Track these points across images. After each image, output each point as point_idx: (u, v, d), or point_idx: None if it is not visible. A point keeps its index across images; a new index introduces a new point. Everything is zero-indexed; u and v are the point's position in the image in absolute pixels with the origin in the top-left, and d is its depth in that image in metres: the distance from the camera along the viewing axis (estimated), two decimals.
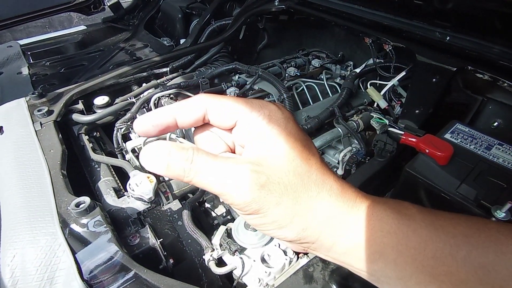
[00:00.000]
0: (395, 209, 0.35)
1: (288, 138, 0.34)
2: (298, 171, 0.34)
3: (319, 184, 0.34)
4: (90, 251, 0.71)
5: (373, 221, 0.34)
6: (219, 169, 0.33)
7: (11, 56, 1.81)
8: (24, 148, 0.95)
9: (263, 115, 0.35)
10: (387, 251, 0.34)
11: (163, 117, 0.36)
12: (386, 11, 1.17)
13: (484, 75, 0.93)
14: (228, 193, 0.33)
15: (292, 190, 0.33)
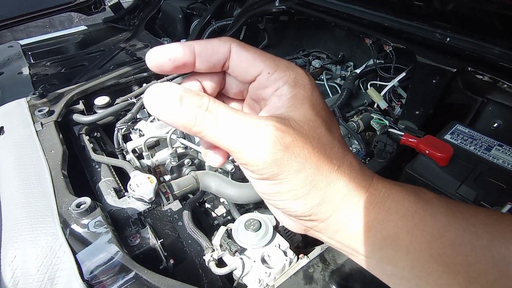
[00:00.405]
0: (413, 192, 0.33)
1: (314, 105, 0.32)
2: (322, 141, 0.31)
3: (341, 158, 0.32)
4: (91, 252, 0.72)
5: (389, 202, 0.32)
6: (238, 121, 0.28)
7: (12, 56, 1.81)
8: (25, 149, 0.96)
9: (288, 76, 0.32)
10: (400, 235, 0.31)
11: (183, 52, 0.30)
12: (386, 12, 1.17)
13: (484, 76, 0.93)
14: (246, 149, 0.28)
15: (316, 159, 0.30)
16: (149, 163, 1.11)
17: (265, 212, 1.23)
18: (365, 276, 0.81)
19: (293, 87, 0.31)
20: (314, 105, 0.32)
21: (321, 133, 0.31)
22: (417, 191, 0.33)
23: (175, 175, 1.15)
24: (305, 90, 0.32)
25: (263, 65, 0.32)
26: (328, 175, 0.31)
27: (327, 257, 0.85)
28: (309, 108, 0.31)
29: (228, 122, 0.28)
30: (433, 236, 0.30)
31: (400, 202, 0.32)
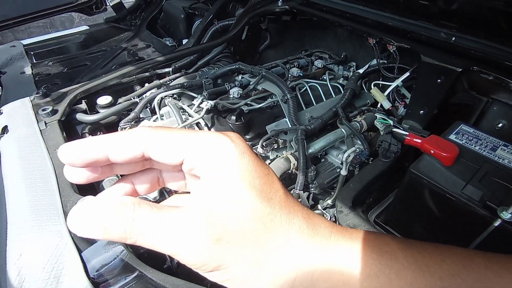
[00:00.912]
0: (375, 247, 0.31)
1: (244, 177, 0.30)
2: (259, 216, 0.29)
3: (285, 227, 0.30)
4: (96, 250, 0.71)
5: (352, 264, 0.31)
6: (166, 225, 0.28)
7: (14, 56, 1.81)
8: (29, 147, 0.95)
9: (214, 151, 0.30)
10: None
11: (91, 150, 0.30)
12: (390, 12, 1.17)
13: (489, 75, 0.93)
14: (181, 254, 0.29)
15: (254, 239, 0.29)
16: None
17: None
18: None
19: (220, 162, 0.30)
20: (245, 177, 0.30)
21: (256, 207, 0.29)
22: (380, 244, 0.32)
23: None
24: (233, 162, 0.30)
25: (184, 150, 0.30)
26: (273, 251, 0.29)
27: None
28: (240, 182, 0.29)
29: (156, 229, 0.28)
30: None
31: (363, 261, 0.31)
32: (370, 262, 0.31)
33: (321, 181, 1.15)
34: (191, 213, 0.29)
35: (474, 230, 0.82)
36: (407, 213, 1.02)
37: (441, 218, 0.91)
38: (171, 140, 0.30)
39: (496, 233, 0.77)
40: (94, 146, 0.30)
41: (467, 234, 0.85)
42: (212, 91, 1.33)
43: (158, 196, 0.92)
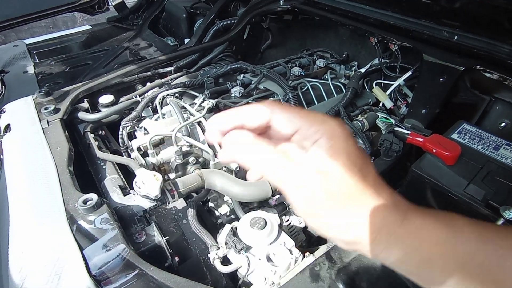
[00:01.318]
0: (444, 222, 0.37)
1: (349, 155, 0.37)
2: (358, 186, 0.36)
3: (374, 199, 0.37)
4: (98, 248, 0.72)
5: (423, 233, 0.37)
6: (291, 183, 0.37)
7: (17, 55, 1.82)
8: (32, 146, 0.96)
9: (323, 130, 0.37)
10: (434, 259, 0.36)
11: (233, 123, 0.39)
12: (393, 10, 1.16)
13: (493, 74, 0.92)
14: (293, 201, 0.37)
15: (350, 202, 0.36)
16: (154, 161, 1.11)
17: (269, 211, 1.22)
18: (372, 274, 0.80)
19: (330, 139, 0.37)
20: (349, 155, 0.37)
21: (356, 180, 0.36)
22: (448, 220, 0.38)
23: (180, 173, 1.14)
24: (340, 141, 0.37)
25: (300, 122, 0.38)
26: (362, 214, 0.36)
27: (333, 255, 0.84)
28: (346, 159, 0.36)
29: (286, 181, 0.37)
30: (464, 260, 0.35)
31: (432, 232, 0.37)
32: (439, 233, 0.37)
33: None
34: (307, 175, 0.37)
35: None
36: None
37: None
38: (290, 113, 0.39)
39: None
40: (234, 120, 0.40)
41: None
42: (213, 90, 1.33)
43: (160, 195, 0.92)
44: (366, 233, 0.37)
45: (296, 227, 1.24)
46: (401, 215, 0.37)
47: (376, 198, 0.37)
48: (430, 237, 0.36)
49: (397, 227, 0.37)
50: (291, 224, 1.22)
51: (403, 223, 0.37)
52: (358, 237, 0.37)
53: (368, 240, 0.37)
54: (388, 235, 0.37)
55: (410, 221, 0.37)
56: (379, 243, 0.37)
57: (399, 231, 0.37)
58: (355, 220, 0.36)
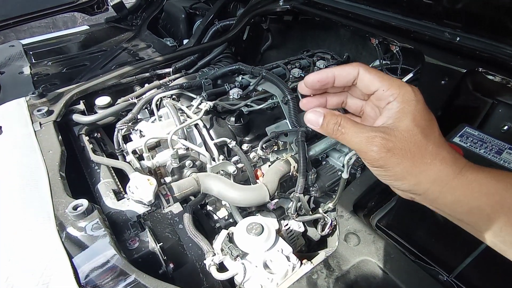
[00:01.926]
0: (497, 177, 0.42)
1: (415, 117, 0.44)
2: (418, 144, 0.43)
3: (434, 155, 0.44)
4: (88, 256, 0.69)
5: (474, 185, 0.42)
6: (358, 133, 0.45)
7: (13, 56, 1.80)
8: (23, 149, 0.94)
9: (398, 93, 0.45)
10: (483, 207, 0.42)
11: (327, 75, 0.48)
12: (394, 11, 1.14)
13: (495, 76, 0.90)
14: (364, 152, 0.44)
15: (411, 156, 0.43)
16: (150, 165, 1.08)
17: (267, 215, 1.20)
18: (371, 283, 0.78)
19: (400, 103, 0.45)
20: (415, 117, 0.44)
21: (418, 139, 0.43)
22: (501, 175, 0.43)
23: (176, 176, 1.12)
24: (409, 105, 0.44)
25: (380, 84, 0.46)
26: (421, 166, 0.43)
27: (332, 263, 0.82)
28: (411, 120, 0.44)
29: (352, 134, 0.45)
30: (511, 209, 0.41)
31: (484, 185, 0.42)
32: (489, 186, 0.42)
33: (322, 184, 1.13)
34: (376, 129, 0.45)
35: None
36: (410, 217, 0.99)
37: (445, 223, 0.88)
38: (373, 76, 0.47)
39: None
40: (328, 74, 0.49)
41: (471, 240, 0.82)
42: (211, 91, 1.31)
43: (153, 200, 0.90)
44: (423, 182, 0.44)
45: (295, 231, 1.22)
46: (456, 170, 0.43)
47: (434, 154, 0.43)
48: (481, 189, 0.42)
49: (451, 179, 0.43)
50: (290, 228, 1.20)
51: (457, 177, 0.43)
52: (416, 186, 0.44)
53: (424, 188, 0.44)
54: (441, 186, 0.43)
55: (463, 175, 0.43)
56: (432, 192, 0.44)
57: (453, 183, 0.43)
58: (412, 171, 0.43)
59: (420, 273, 0.79)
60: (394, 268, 0.80)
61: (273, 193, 1.03)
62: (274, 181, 1.05)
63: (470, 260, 0.85)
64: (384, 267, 0.80)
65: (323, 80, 0.49)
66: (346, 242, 0.86)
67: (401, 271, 0.79)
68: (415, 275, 0.78)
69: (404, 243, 1.01)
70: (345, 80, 0.49)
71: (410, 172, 0.44)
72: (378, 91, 0.46)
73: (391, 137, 0.43)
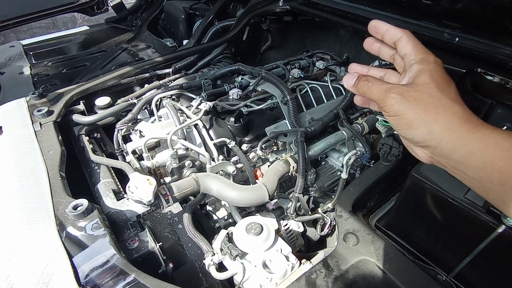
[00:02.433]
0: (509, 134, 0.43)
1: (432, 74, 0.48)
2: (432, 95, 0.47)
3: (447, 107, 0.46)
4: (87, 255, 0.70)
5: (488, 139, 0.43)
6: (381, 85, 0.50)
7: (13, 56, 1.80)
8: (23, 149, 0.94)
9: (420, 59, 0.51)
10: (495, 161, 0.42)
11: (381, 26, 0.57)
12: (393, 12, 1.14)
13: (494, 77, 0.90)
14: (382, 100, 0.49)
15: (424, 104, 0.46)
16: (149, 165, 1.09)
17: (267, 215, 1.20)
18: (369, 283, 0.78)
19: (420, 64, 0.50)
20: (432, 74, 0.49)
21: (432, 92, 0.47)
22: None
23: (175, 177, 1.12)
24: (428, 66, 0.50)
25: (410, 49, 0.53)
26: (434, 116, 0.46)
27: (331, 262, 0.82)
28: (427, 76, 0.48)
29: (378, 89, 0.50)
30: None
31: (498, 139, 0.43)
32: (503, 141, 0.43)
33: (321, 184, 1.13)
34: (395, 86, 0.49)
35: (477, 236, 0.80)
36: (409, 217, 0.99)
37: (444, 223, 0.89)
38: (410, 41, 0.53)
39: (500, 239, 0.75)
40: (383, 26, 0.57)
41: (470, 240, 0.83)
42: (211, 92, 1.31)
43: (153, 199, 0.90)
44: (436, 132, 0.46)
45: (295, 231, 1.22)
46: (471, 124, 0.45)
47: (448, 107, 0.46)
48: (495, 144, 0.43)
49: (465, 131, 0.44)
50: (289, 228, 1.21)
51: (471, 130, 0.44)
52: (429, 134, 0.46)
53: (437, 138, 0.46)
54: (455, 137, 0.45)
55: (478, 130, 0.44)
56: (447, 143, 0.45)
57: (467, 135, 0.44)
58: (425, 119, 0.46)
59: (419, 273, 0.79)
60: (393, 268, 0.80)
61: (272, 193, 1.04)
62: (273, 181, 1.05)
63: (468, 260, 0.86)
64: (383, 266, 0.80)
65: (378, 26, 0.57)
66: (345, 242, 0.86)
67: (400, 271, 0.79)
68: (414, 275, 0.79)
69: (403, 243, 1.01)
70: (391, 37, 0.55)
71: (423, 119, 0.46)
72: (406, 55, 0.53)
73: (408, 88, 0.48)
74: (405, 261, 0.81)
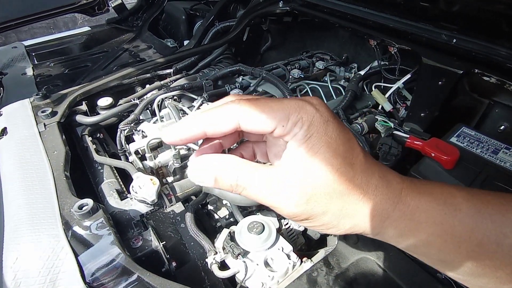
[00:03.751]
0: (441, 200, 0.36)
1: (330, 145, 0.34)
2: (342, 180, 0.34)
3: (364, 187, 0.35)
4: (93, 254, 0.71)
5: (419, 214, 0.36)
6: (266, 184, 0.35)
7: (16, 57, 1.82)
8: (28, 149, 0.95)
9: (301, 122, 0.34)
10: (432, 240, 0.36)
11: (192, 131, 0.35)
12: (391, 13, 1.16)
13: (491, 78, 0.92)
14: (278, 208, 0.35)
15: (337, 198, 0.35)
16: (152, 165, 1.10)
17: (268, 214, 1.22)
18: (370, 280, 0.80)
19: (307, 131, 0.34)
20: (330, 144, 0.34)
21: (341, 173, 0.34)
22: (446, 197, 0.36)
23: (178, 176, 1.14)
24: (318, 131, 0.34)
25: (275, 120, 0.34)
26: (353, 206, 0.35)
27: (331, 261, 0.84)
28: (325, 151, 0.34)
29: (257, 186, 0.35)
30: (461, 238, 0.35)
31: (429, 212, 0.36)
32: (436, 213, 0.35)
33: None
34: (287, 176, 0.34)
35: None
36: None
37: None
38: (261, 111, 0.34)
39: None
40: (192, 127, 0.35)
41: None
42: (212, 92, 1.33)
43: (157, 199, 0.91)
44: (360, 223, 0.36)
45: (295, 230, 1.23)
46: (394, 199, 0.36)
47: (365, 186, 0.35)
48: (427, 219, 0.36)
49: (391, 211, 0.36)
50: (290, 227, 1.22)
51: (397, 207, 0.36)
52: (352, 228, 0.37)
53: (363, 228, 0.37)
54: (382, 221, 0.36)
55: (404, 204, 0.36)
56: (374, 228, 0.37)
57: (394, 215, 0.36)
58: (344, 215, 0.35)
59: (418, 271, 0.81)
60: (393, 266, 0.81)
61: None
62: None
63: None
64: (383, 265, 0.82)
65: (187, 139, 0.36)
66: (345, 240, 0.88)
67: (400, 268, 0.81)
68: (414, 273, 0.80)
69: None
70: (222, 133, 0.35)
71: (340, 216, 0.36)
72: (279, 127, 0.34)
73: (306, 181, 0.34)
74: (405, 259, 0.83)
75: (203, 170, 0.36)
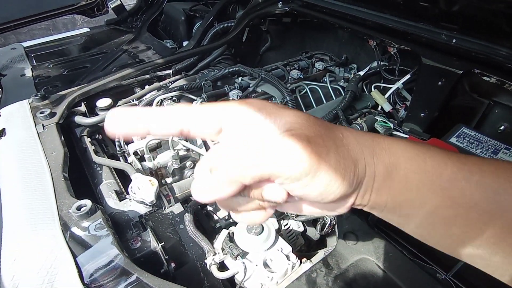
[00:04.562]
0: (412, 142, 0.38)
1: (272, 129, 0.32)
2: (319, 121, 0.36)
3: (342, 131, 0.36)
4: (91, 255, 0.71)
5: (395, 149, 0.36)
6: (261, 158, 0.31)
7: (15, 58, 1.81)
8: (27, 150, 0.95)
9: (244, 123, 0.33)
10: (410, 176, 0.35)
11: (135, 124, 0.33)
12: (391, 13, 1.16)
13: (491, 78, 0.91)
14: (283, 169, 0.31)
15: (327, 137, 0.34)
16: (151, 166, 1.10)
17: None
18: (369, 281, 0.79)
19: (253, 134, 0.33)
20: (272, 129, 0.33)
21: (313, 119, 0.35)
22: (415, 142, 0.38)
23: (177, 177, 1.14)
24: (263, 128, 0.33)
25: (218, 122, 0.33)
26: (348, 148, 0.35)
27: (331, 261, 0.83)
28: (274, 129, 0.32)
29: (254, 166, 0.31)
30: (434, 174, 0.35)
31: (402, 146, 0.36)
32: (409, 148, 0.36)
33: None
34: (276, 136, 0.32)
35: None
36: None
37: None
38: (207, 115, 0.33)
39: None
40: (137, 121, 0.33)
41: None
42: (211, 93, 1.33)
43: (155, 200, 0.91)
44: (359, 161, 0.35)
45: (295, 231, 1.23)
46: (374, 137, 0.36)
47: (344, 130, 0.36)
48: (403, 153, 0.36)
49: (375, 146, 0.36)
50: (289, 228, 1.22)
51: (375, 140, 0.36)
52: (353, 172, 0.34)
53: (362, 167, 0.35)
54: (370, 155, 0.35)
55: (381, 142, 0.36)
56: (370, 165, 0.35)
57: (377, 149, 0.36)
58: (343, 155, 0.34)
59: (418, 272, 0.80)
60: (392, 266, 0.81)
61: None
62: None
63: None
64: (383, 265, 0.81)
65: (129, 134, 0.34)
66: (345, 241, 0.87)
67: (399, 269, 0.80)
68: (413, 274, 0.80)
69: (402, 242, 1.02)
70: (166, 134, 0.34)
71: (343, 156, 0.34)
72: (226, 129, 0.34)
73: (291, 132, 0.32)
74: (404, 259, 0.83)
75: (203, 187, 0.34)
